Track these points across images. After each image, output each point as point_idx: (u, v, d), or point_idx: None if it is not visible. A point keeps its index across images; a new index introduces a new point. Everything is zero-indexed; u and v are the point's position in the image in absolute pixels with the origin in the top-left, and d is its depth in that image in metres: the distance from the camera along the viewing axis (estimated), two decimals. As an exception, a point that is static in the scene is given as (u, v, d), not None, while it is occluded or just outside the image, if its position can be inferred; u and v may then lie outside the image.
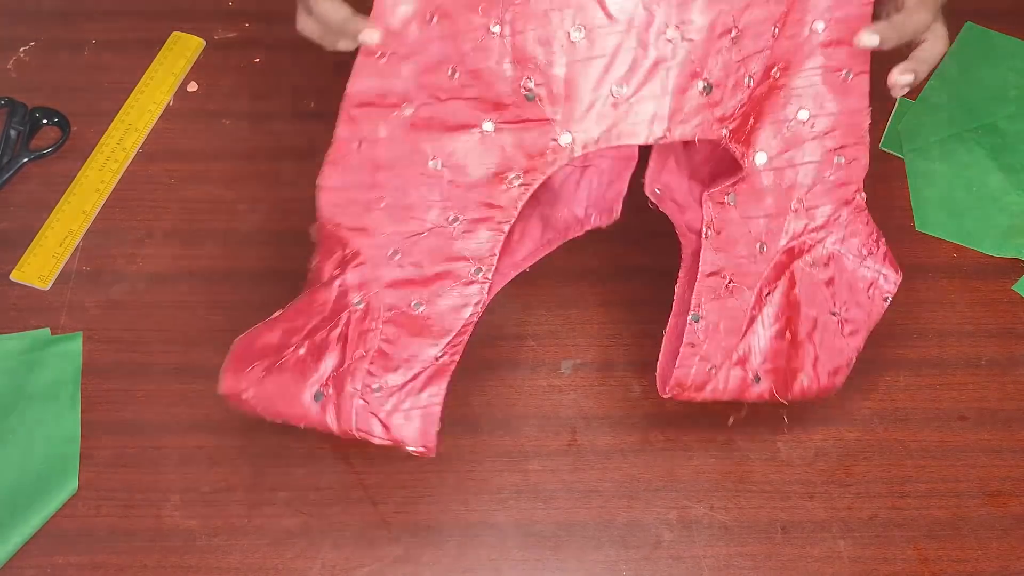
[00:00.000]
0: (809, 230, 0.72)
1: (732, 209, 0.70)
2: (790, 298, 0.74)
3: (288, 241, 0.90)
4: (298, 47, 1.01)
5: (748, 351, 0.75)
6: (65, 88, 0.98)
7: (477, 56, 0.62)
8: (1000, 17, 1.03)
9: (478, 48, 0.62)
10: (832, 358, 0.77)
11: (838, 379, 0.78)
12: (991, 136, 0.95)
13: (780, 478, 0.80)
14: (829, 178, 0.72)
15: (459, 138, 0.64)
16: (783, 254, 0.73)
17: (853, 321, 0.78)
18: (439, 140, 0.65)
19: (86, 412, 0.82)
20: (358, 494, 0.79)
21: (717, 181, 0.70)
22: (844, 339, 0.77)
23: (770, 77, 0.67)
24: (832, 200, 0.72)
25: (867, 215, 0.74)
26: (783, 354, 0.76)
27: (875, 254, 0.77)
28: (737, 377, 0.75)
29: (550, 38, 0.61)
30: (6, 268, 0.88)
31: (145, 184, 0.93)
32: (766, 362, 0.75)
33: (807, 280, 0.73)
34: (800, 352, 0.77)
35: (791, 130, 0.70)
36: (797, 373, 0.77)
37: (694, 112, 0.62)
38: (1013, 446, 0.82)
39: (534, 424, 0.83)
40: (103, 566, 0.76)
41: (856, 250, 0.76)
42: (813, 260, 0.74)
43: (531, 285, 0.88)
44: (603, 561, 0.77)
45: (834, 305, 0.76)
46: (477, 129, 0.64)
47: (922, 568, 0.77)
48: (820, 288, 0.75)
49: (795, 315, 0.75)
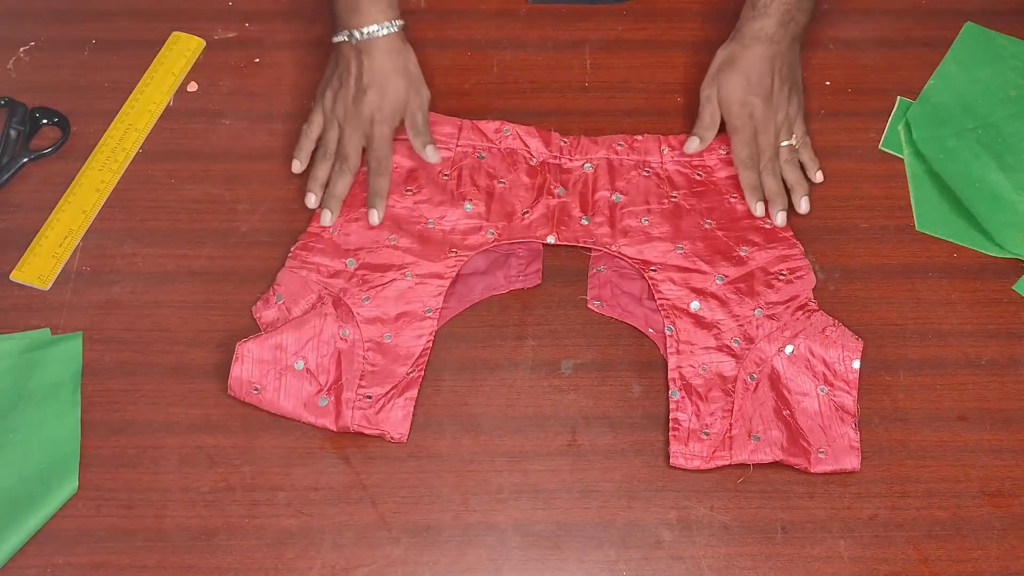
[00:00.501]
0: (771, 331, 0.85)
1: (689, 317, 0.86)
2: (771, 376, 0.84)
3: (288, 241, 0.90)
4: (298, 47, 1.02)
5: (740, 413, 0.82)
6: (65, 88, 0.98)
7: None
8: (1000, 17, 1.03)
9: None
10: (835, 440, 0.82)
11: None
12: (991, 136, 0.95)
13: (780, 478, 0.80)
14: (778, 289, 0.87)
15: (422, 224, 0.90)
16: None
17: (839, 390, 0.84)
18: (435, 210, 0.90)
19: (86, 412, 0.82)
20: (358, 494, 0.79)
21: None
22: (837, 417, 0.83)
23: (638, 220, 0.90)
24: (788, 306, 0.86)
25: (821, 313, 0.86)
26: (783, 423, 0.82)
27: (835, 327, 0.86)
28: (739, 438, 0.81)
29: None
30: (6, 268, 0.88)
31: (145, 184, 0.93)
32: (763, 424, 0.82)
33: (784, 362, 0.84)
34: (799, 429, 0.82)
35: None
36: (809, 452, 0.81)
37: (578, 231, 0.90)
38: (1013, 446, 0.82)
39: (534, 424, 0.83)
40: (103, 566, 0.76)
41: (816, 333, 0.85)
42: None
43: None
44: (603, 561, 0.77)
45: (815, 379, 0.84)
46: (460, 211, 0.90)
47: (922, 568, 0.77)
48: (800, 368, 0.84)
49: (780, 385, 0.83)
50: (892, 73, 0.99)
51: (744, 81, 0.91)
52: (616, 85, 0.99)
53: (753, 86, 0.91)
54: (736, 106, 0.91)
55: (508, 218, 0.89)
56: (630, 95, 0.99)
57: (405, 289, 0.86)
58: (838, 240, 0.91)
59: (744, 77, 0.91)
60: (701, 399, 0.82)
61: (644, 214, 0.90)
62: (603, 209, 0.90)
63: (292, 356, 0.82)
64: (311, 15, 1.03)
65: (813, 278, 0.87)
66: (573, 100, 0.97)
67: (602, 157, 0.93)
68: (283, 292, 0.85)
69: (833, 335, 0.84)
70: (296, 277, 0.86)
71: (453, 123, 0.94)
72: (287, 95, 0.98)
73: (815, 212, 0.92)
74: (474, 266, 0.89)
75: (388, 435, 0.81)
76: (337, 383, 0.82)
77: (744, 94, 0.91)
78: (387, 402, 0.82)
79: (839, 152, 0.95)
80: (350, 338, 0.83)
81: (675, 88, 0.99)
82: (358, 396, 0.81)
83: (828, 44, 1.02)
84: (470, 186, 0.91)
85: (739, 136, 0.91)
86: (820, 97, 0.98)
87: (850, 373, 0.83)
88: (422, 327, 0.85)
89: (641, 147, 0.93)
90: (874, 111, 0.98)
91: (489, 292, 0.88)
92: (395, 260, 0.87)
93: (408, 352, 0.84)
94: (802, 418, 0.81)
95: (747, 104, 0.91)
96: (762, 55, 0.91)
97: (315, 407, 0.81)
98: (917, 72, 1.00)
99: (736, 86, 0.91)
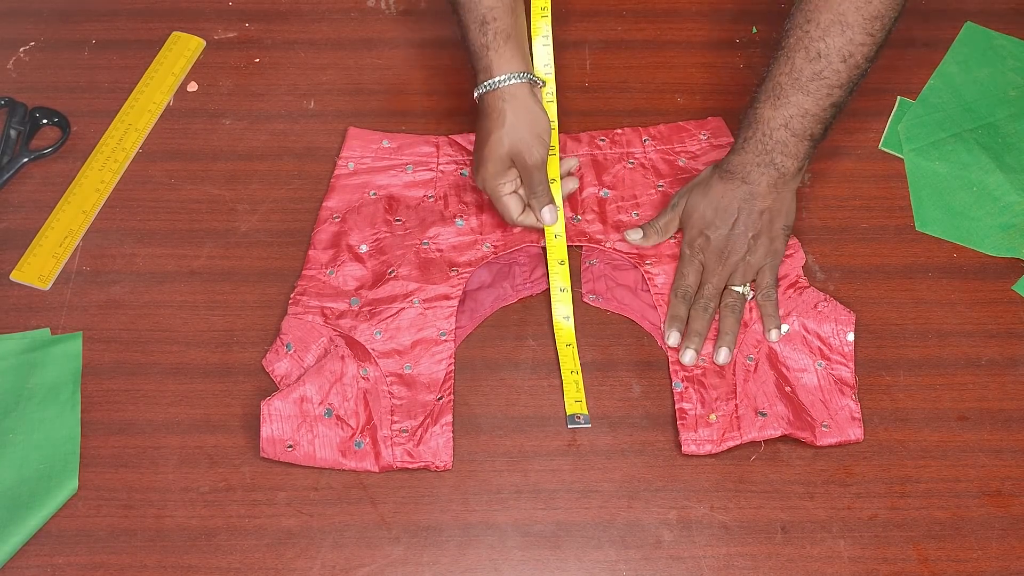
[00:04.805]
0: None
1: None
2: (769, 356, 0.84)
3: (288, 241, 0.90)
4: (298, 47, 1.02)
5: (744, 392, 0.82)
6: (65, 88, 0.98)
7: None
8: (1000, 17, 1.03)
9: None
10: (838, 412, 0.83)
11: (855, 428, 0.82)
12: (991, 136, 0.95)
13: (780, 478, 0.80)
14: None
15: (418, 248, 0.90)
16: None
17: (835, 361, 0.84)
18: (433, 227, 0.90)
19: (86, 412, 0.82)
20: (358, 494, 0.79)
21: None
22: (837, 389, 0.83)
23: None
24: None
25: (812, 289, 0.87)
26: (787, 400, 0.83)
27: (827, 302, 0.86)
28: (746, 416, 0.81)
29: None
30: (6, 268, 0.88)
31: (145, 184, 0.93)
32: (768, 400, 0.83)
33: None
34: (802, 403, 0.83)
35: None
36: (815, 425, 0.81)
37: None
38: (1013, 446, 0.82)
39: (534, 424, 0.83)
40: (103, 566, 0.76)
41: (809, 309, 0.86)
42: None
43: (531, 285, 0.88)
44: (603, 561, 0.77)
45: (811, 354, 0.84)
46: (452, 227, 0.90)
47: (922, 568, 0.77)
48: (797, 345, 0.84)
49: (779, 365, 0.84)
50: (892, 73, 0.99)
51: (710, 211, 0.85)
52: (616, 85, 0.99)
53: (714, 221, 0.85)
54: (694, 231, 0.86)
55: (501, 228, 0.89)
56: (630, 95, 0.99)
57: (415, 316, 0.85)
58: (838, 240, 0.91)
59: (711, 207, 0.85)
60: (704, 387, 0.83)
61: (634, 207, 0.90)
62: (592, 206, 0.91)
63: (319, 406, 0.80)
64: (311, 15, 1.03)
65: (803, 256, 0.88)
66: (573, 100, 0.97)
67: (585, 153, 0.93)
68: (292, 340, 0.84)
69: (826, 310, 0.85)
70: (302, 323, 0.84)
71: (429, 142, 0.94)
72: (287, 95, 0.98)
73: (815, 212, 0.92)
74: (479, 280, 0.88)
75: (432, 465, 0.80)
76: (369, 423, 0.81)
77: (703, 224, 0.86)
78: (424, 432, 0.81)
79: (839, 152, 0.95)
80: (371, 376, 0.82)
81: (675, 88, 0.99)
82: (394, 432, 0.80)
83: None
84: (458, 204, 0.90)
85: (685, 262, 0.87)
86: (820, 97, 0.98)
87: (845, 346, 0.84)
88: (440, 352, 0.84)
89: (623, 140, 0.94)
90: (874, 111, 0.98)
91: (499, 304, 0.87)
92: (399, 290, 0.86)
93: (432, 379, 0.83)
94: (803, 393, 0.82)
95: (703, 235, 0.86)
96: (732, 193, 0.85)
97: (352, 452, 0.80)
98: (917, 72, 1.00)
99: (699, 213, 0.86)
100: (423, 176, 0.92)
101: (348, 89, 0.99)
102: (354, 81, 0.99)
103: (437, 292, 0.86)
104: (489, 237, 0.89)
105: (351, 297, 0.86)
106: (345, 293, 0.86)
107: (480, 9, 0.84)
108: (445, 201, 0.91)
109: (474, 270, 0.87)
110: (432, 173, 0.92)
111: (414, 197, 0.91)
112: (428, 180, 0.92)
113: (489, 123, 0.84)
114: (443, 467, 0.80)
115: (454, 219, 0.90)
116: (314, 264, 0.87)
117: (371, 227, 0.89)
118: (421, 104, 0.98)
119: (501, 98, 0.84)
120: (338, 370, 0.82)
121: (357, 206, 0.90)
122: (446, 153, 0.93)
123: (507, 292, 0.88)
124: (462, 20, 0.85)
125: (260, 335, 0.85)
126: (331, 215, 0.90)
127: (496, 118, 0.84)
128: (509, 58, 0.84)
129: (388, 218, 0.90)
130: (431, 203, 0.91)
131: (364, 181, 0.92)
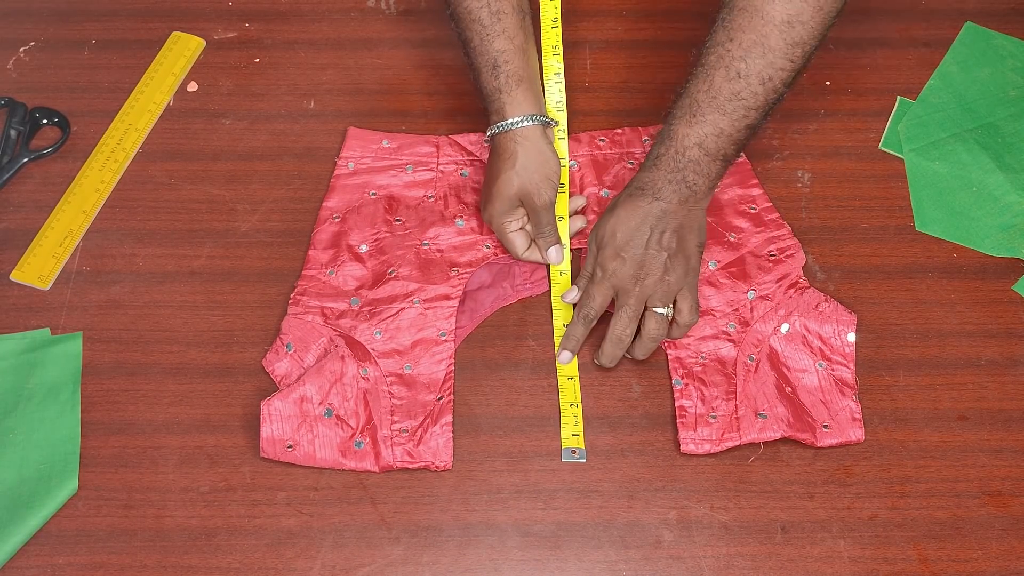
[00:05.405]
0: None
1: None
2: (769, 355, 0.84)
3: (288, 241, 0.90)
4: (298, 47, 1.02)
5: (744, 394, 0.82)
6: (65, 88, 0.98)
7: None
8: (1000, 17, 1.03)
9: None
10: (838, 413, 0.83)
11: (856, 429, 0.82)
12: (991, 136, 0.95)
13: (780, 478, 0.80)
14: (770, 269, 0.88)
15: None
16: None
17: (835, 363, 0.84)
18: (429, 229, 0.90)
19: (86, 412, 0.82)
20: (358, 494, 0.79)
21: None
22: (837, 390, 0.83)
23: None
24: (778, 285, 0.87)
25: (813, 289, 0.87)
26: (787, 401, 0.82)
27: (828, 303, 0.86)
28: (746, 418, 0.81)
29: None
30: (6, 268, 0.88)
31: (145, 184, 0.93)
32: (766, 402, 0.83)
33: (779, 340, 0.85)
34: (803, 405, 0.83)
35: None
36: (815, 426, 0.81)
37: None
38: (1013, 446, 0.82)
39: (534, 424, 0.83)
40: (103, 566, 0.76)
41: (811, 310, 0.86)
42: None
43: (531, 285, 0.88)
44: (603, 561, 0.77)
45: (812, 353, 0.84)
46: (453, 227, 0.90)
47: (922, 568, 0.77)
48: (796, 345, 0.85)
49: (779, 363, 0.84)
50: (892, 73, 0.99)
51: (621, 231, 0.82)
52: (616, 85, 0.99)
53: (629, 242, 0.82)
54: (607, 252, 0.83)
55: None
56: (630, 95, 0.99)
57: (416, 316, 0.85)
58: (838, 240, 0.91)
59: (622, 227, 0.82)
60: (704, 384, 0.83)
61: None
62: (593, 206, 0.91)
63: (318, 406, 0.80)
64: (311, 15, 1.03)
65: (803, 256, 0.88)
66: (573, 100, 0.97)
67: (585, 154, 0.93)
68: (292, 340, 0.84)
69: (827, 311, 0.85)
70: (302, 323, 0.84)
71: (429, 142, 0.94)
72: (287, 95, 0.98)
73: (815, 212, 0.92)
74: (479, 280, 0.88)
75: (432, 465, 0.80)
76: (369, 423, 0.81)
77: (617, 246, 0.82)
78: (424, 432, 0.81)
79: (839, 152, 0.95)
80: (371, 376, 0.82)
81: (675, 88, 0.99)
82: (394, 432, 0.81)
83: (828, 44, 1.01)
84: (458, 205, 0.91)
85: (594, 284, 0.83)
86: (820, 97, 0.98)
87: (846, 347, 0.84)
88: (440, 352, 0.84)
89: (623, 140, 0.94)
90: (874, 111, 0.98)
91: (499, 304, 0.87)
92: (399, 290, 0.86)
93: (431, 380, 0.83)
94: (804, 394, 0.82)
95: (619, 257, 0.82)
96: (644, 210, 0.81)
97: (352, 452, 0.80)
98: (917, 72, 1.00)
99: (606, 239, 0.83)
100: (423, 176, 0.92)
101: (348, 89, 0.99)
102: (354, 81, 0.99)
103: (437, 292, 0.86)
104: (489, 237, 0.89)
105: (351, 297, 0.86)
106: (345, 293, 0.86)
107: (491, 53, 0.84)
108: (445, 201, 0.91)
109: (474, 270, 0.87)
110: (432, 173, 0.92)
111: (414, 197, 0.91)
112: (428, 180, 0.92)
113: (500, 163, 0.84)
114: (443, 467, 0.80)
115: (454, 219, 0.90)
116: (314, 264, 0.87)
117: (371, 227, 0.89)
118: (421, 104, 0.98)
119: (513, 140, 0.84)
120: (338, 370, 0.82)
121: (357, 206, 0.90)
122: (446, 153, 0.93)
123: (507, 292, 0.88)
124: (473, 63, 0.86)
125: (260, 335, 0.85)
126: (331, 215, 0.90)
127: (507, 159, 0.84)
128: (521, 101, 0.84)
129: (388, 218, 0.90)
130: (431, 203, 0.91)
131: (364, 181, 0.92)
